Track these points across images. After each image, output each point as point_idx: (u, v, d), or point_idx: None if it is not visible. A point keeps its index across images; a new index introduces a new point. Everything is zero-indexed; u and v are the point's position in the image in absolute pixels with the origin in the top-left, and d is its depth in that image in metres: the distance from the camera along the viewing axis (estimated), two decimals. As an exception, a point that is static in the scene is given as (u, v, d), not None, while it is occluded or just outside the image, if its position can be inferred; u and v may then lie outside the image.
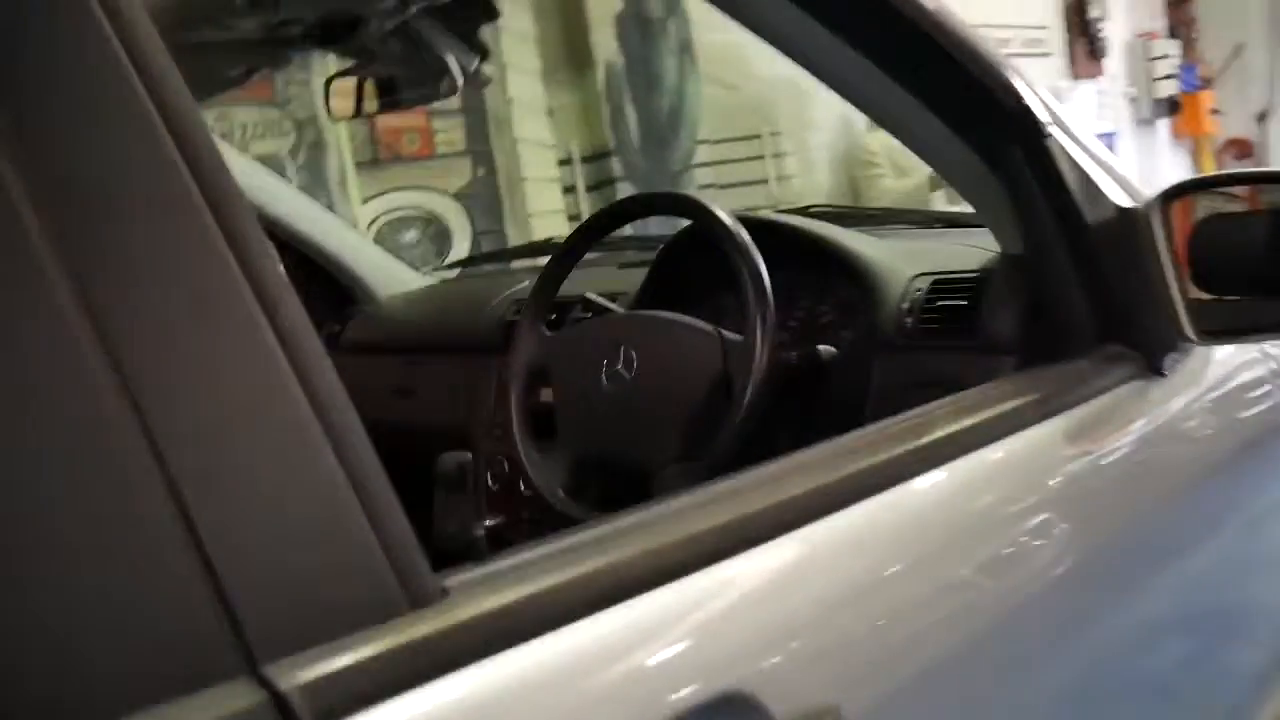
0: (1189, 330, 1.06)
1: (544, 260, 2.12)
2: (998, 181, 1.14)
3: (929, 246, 1.42)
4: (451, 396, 1.83)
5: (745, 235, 1.19)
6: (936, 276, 1.26)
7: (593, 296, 1.47)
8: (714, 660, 0.62)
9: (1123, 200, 1.13)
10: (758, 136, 5.11)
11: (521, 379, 1.36)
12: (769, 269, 1.48)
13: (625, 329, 1.27)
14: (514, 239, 4.20)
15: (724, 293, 1.36)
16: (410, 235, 4.05)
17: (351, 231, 2.33)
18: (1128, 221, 1.10)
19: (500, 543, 1.60)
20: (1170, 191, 1.11)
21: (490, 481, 1.67)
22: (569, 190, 4.58)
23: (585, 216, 4.52)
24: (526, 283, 1.93)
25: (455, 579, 0.56)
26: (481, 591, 0.56)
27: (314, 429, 0.51)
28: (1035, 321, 1.17)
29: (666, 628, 0.62)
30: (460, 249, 4.08)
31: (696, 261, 1.44)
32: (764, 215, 1.46)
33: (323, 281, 2.27)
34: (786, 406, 1.30)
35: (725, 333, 1.19)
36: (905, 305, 1.25)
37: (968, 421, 0.91)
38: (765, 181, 5.16)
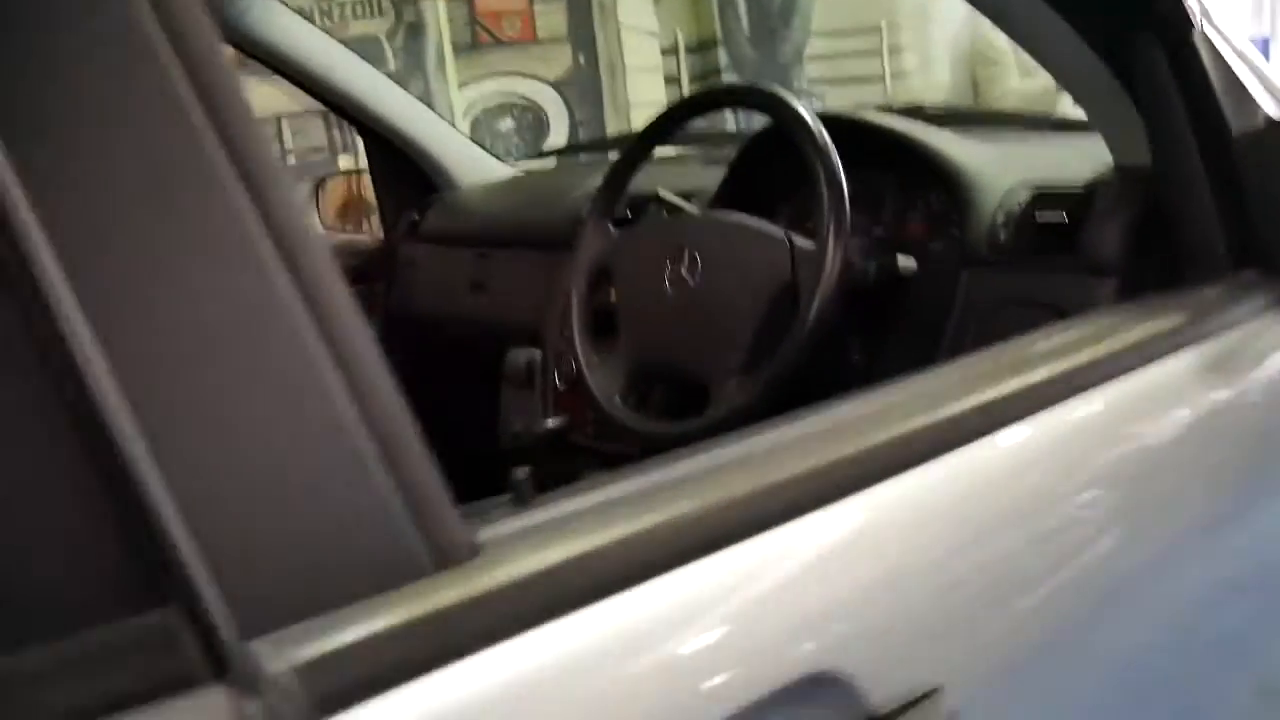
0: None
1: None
2: (1119, 82, 1.01)
3: (1036, 153, 1.29)
4: (524, 292, 1.79)
5: (824, 134, 1.09)
6: (1039, 187, 1.14)
7: (666, 194, 1.38)
8: (795, 635, 0.52)
9: (1274, 111, 0.99)
10: (875, 29, 4.83)
11: (585, 278, 1.30)
12: (854, 171, 1.37)
13: (690, 231, 1.19)
14: (613, 130, 4.10)
15: (807, 196, 1.26)
16: (507, 123, 3.98)
17: (436, 117, 2.27)
18: (1277, 134, 0.96)
19: (565, 445, 1.58)
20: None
21: (558, 380, 1.63)
22: (672, 81, 4.42)
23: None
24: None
25: (491, 531, 0.47)
26: (523, 548, 0.46)
27: (316, 352, 0.41)
28: (1149, 242, 1.05)
29: (736, 595, 0.51)
30: (557, 138, 4.00)
31: (780, 161, 1.33)
32: (853, 113, 1.34)
33: (404, 167, 2.24)
34: (861, 320, 1.22)
35: (796, 238, 1.10)
36: (1001, 217, 1.13)
37: (1082, 356, 0.77)
38: (881, 78, 4.90)
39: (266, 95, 3.55)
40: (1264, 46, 5.65)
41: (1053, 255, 1.08)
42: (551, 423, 1.57)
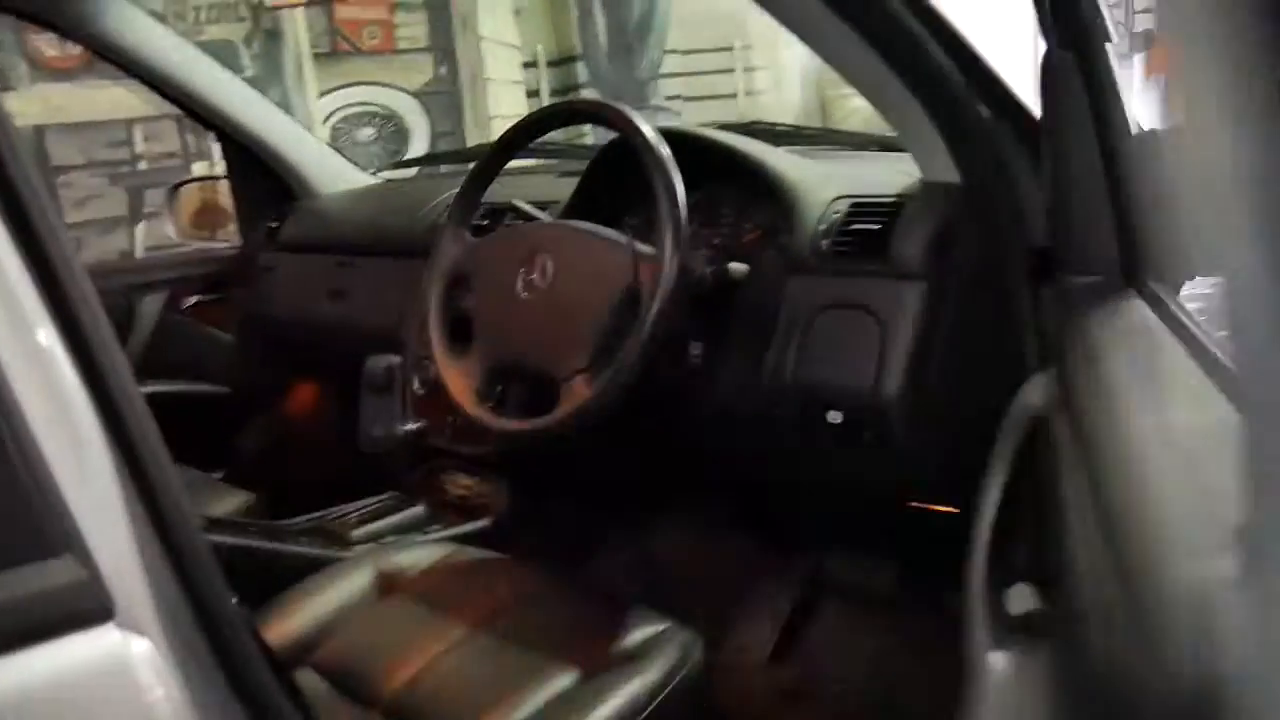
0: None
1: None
2: (923, 107, 1.14)
3: (859, 170, 1.42)
4: (383, 299, 1.83)
5: (663, 147, 1.18)
6: (856, 199, 1.26)
7: (520, 203, 1.45)
8: None
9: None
10: (729, 49, 5.02)
11: (442, 283, 1.35)
12: (698, 184, 1.48)
13: (542, 237, 1.27)
14: (473, 141, 4.14)
15: (651, 206, 1.36)
16: (367, 132, 3.97)
17: (295, 124, 2.28)
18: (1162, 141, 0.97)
19: (423, 448, 1.62)
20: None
21: (416, 385, 1.67)
22: (533, 94, 4.50)
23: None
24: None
25: None
26: None
27: None
28: (955, 251, 1.18)
29: None
30: (418, 148, 4.02)
31: (629, 174, 1.43)
32: (693, 130, 1.44)
33: (263, 174, 2.24)
34: (700, 323, 1.31)
35: (639, 245, 1.19)
36: (822, 227, 1.25)
37: None
38: (734, 95, 5.09)
39: (118, 98, 3.45)
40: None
41: (867, 262, 1.20)
42: (410, 426, 1.61)
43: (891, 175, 1.30)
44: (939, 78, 1.09)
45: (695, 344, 1.32)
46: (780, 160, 1.36)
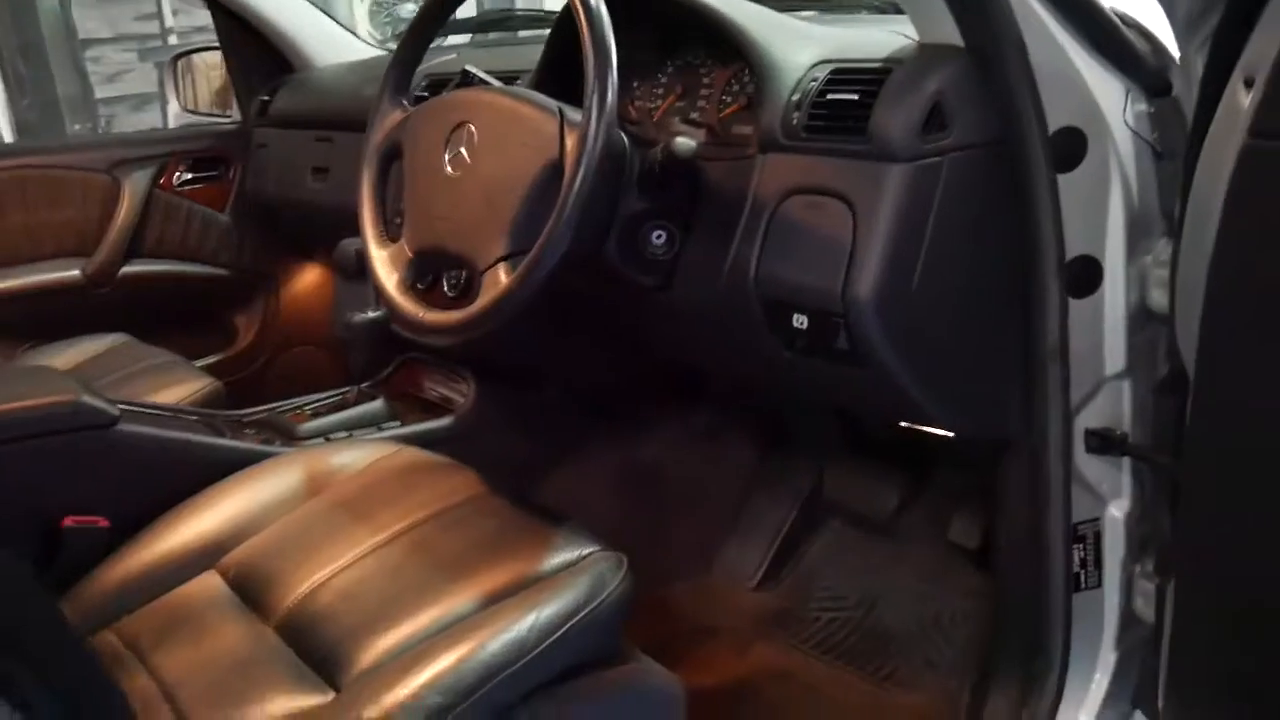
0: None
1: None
2: None
3: (851, 32, 1.21)
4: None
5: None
6: (838, 64, 1.06)
7: (474, 69, 1.28)
8: None
9: None
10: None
11: (375, 160, 1.20)
12: (674, 50, 1.29)
13: (468, 106, 1.10)
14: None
15: (628, 71, 1.18)
16: (409, 8, 3.78)
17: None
18: None
19: (387, 335, 1.50)
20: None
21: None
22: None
23: None
24: (453, 56, 1.75)
25: None
26: None
27: None
28: (945, 130, 0.98)
29: None
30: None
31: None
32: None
33: (260, 46, 2.11)
34: (663, 207, 1.14)
35: (569, 112, 1.01)
36: (795, 97, 1.06)
37: None
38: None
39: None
40: None
41: (844, 139, 1.01)
42: (372, 314, 1.49)
43: (889, 38, 1.10)
44: None
45: (659, 231, 1.15)
46: (755, 19, 1.16)
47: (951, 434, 1.18)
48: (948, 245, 1.00)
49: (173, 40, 3.36)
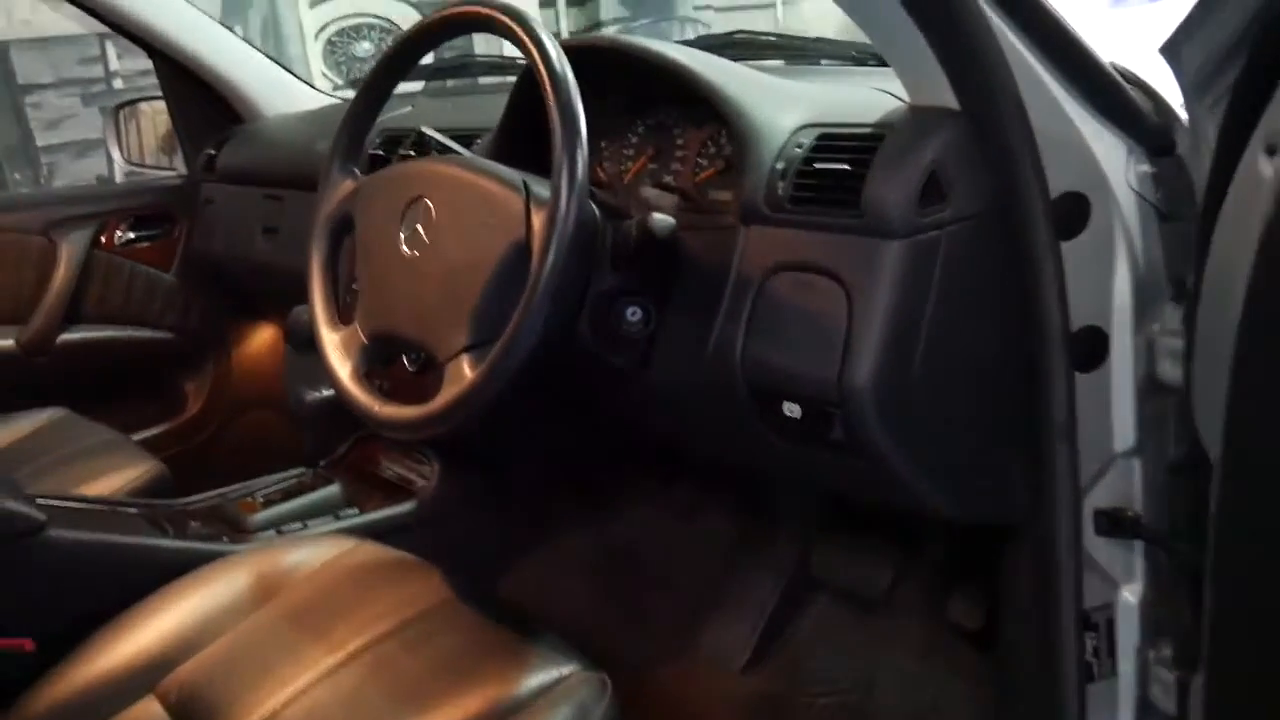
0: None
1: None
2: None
3: (838, 91, 1.13)
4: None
5: (559, 62, 0.90)
6: (825, 129, 0.98)
7: (430, 131, 1.19)
8: None
9: None
10: (766, -49, 4.63)
11: (325, 233, 1.11)
12: (646, 109, 1.21)
13: (425, 177, 1.01)
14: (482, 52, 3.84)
15: (595, 131, 1.09)
16: (364, 46, 3.69)
17: (239, 42, 2.03)
18: None
19: (344, 415, 1.41)
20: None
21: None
22: (547, 3, 4.17)
23: (566, 34, 4.17)
24: (408, 109, 1.66)
25: None
26: None
27: None
28: (943, 201, 0.91)
29: None
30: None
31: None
32: (627, 41, 1.15)
33: (202, 97, 2.01)
34: (638, 283, 1.06)
35: (535, 187, 0.93)
36: (780, 165, 0.98)
37: None
38: (772, 4, 4.71)
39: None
40: None
41: (834, 212, 0.93)
42: (326, 392, 1.39)
43: (875, 99, 1.02)
44: None
45: (633, 308, 1.06)
46: (730, 76, 1.08)
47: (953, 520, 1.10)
48: (948, 325, 0.93)
49: (118, 84, 3.24)
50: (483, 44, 3.60)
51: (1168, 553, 1.06)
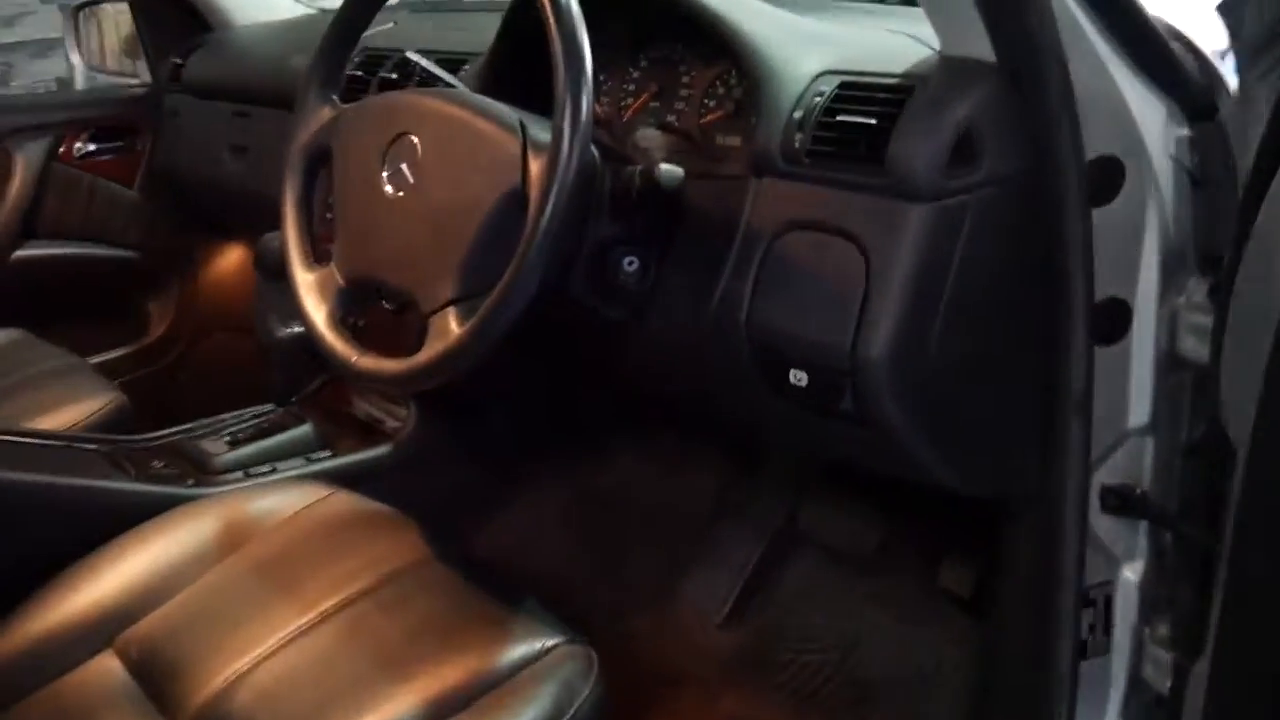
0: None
1: None
2: None
3: (863, 35, 1.05)
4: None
5: None
6: (847, 77, 0.91)
7: (416, 57, 1.11)
8: None
9: None
10: None
11: (300, 164, 1.03)
12: (648, 42, 1.12)
13: (411, 113, 0.93)
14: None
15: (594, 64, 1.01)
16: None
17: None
18: None
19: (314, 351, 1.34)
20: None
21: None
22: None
23: None
24: (390, 26, 1.55)
25: None
26: None
27: None
28: (972, 163, 0.84)
29: None
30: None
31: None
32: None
33: (170, 1, 1.88)
34: (637, 233, 0.99)
35: (533, 128, 0.85)
36: (798, 114, 0.91)
37: None
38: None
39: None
40: None
41: (855, 169, 0.86)
42: (298, 327, 1.32)
43: (904, 46, 0.95)
44: None
45: (630, 259, 0.99)
46: (749, 13, 1.00)
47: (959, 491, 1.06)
48: (970, 294, 0.87)
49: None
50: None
51: (1174, 533, 1.03)
